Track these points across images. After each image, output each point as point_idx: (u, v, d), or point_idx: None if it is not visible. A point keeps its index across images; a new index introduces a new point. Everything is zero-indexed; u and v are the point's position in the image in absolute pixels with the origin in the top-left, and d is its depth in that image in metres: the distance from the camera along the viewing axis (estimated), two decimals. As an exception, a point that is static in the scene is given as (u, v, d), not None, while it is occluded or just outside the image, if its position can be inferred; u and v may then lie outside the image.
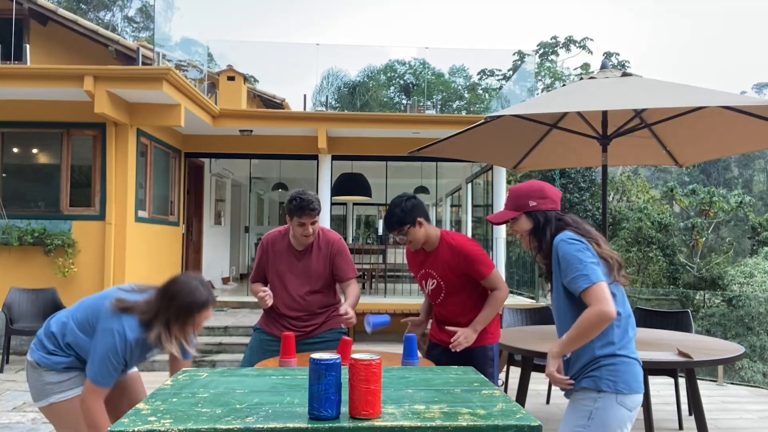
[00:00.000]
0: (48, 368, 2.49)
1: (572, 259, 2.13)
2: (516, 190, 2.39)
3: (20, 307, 6.76)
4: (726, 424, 4.82)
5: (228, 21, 68.85)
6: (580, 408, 2.15)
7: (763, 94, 37.58)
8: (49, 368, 2.49)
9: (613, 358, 2.13)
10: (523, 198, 2.34)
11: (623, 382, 2.12)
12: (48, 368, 2.49)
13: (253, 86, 15.20)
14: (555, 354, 2.18)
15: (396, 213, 3.00)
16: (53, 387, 2.48)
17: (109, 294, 2.49)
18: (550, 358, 2.19)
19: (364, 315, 3.09)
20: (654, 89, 3.71)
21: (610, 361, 2.13)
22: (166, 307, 2.34)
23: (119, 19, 30.41)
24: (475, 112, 29.33)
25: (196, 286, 2.38)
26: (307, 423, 1.43)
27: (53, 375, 2.49)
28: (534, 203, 2.32)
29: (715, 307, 14.15)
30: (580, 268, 2.11)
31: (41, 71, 7.06)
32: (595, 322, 2.05)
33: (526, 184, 2.39)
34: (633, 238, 17.17)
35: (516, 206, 2.35)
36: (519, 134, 4.71)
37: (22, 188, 7.66)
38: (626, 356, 2.16)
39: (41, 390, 2.50)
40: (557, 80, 29.32)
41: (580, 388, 2.16)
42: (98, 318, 2.41)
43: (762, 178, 33.75)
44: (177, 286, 2.37)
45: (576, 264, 2.12)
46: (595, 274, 2.09)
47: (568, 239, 2.19)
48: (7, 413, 4.90)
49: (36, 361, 2.50)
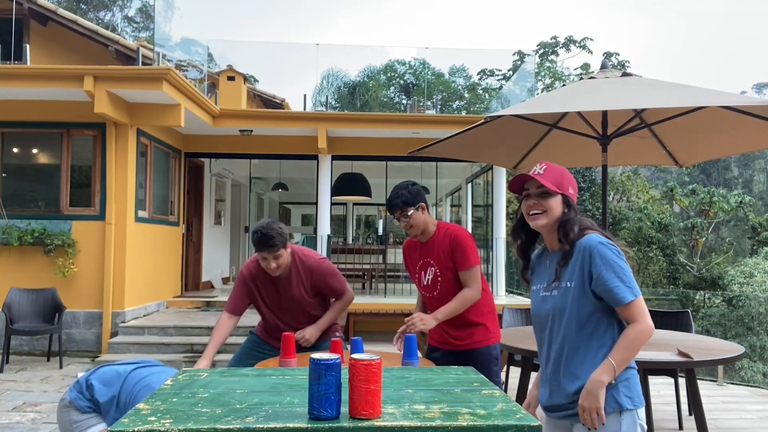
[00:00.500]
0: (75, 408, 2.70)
1: (615, 267, 1.95)
2: (558, 169, 2.12)
3: (20, 307, 6.77)
4: (726, 424, 4.82)
5: (228, 21, 68.87)
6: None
7: (763, 94, 37.57)
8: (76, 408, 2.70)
9: (627, 372, 2.00)
10: (566, 181, 2.10)
11: (637, 395, 2.01)
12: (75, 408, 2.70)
13: (253, 86, 15.19)
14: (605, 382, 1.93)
15: (403, 194, 3.01)
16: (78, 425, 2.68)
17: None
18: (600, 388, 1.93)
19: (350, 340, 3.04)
20: (654, 89, 3.71)
21: (626, 376, 2.00)
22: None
23: (119, 19, 30.41)
24: (475, 112, 29.32)
25: None
26: (307, 423, 1.43)
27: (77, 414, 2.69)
28: (572, 191, 2.11)
29: (715, 307, 14.15)
30: (623, 278, 1.95)
31: (41, 71, 7.07)
32: (643, 340, 1.93)
33: (562, 168, 2.14)
34: (633, 238, 17.17)
35: (558, 184, 2.07)
36: (519, 134, 4.71)
37: (22, 188, 7.66)
38: (634, 368, 2.04)
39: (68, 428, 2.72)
40: (557, 80, 29.31)
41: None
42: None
43: (762, 178, 33.75)
44: None
45: (619, 273, 1.95)
46: (636, 287, 1.96)
47: (608, 243, 2.01)
48: (7, 413, 4.90)
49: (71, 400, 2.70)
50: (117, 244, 7.36)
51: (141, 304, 7.93)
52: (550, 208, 2.06)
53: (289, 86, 55.25)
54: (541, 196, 2.07)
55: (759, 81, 42.54)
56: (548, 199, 2.06)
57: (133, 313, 7.65)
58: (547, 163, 2.13)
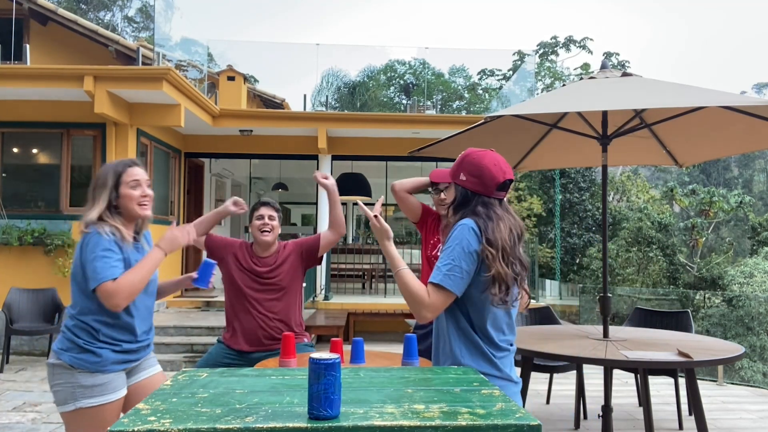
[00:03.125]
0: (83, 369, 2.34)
1: (454, 249, 2.00)
2: (463, 154, 2.17)
3: (20, 307, 6.77)
4: (726, 424, 4.82)
5: (228, 21, 68.90)
6: None
7: (763, 94, 37.58)
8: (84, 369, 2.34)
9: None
10: (459, 167, 2.15)
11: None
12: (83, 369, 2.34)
13: (253, 86, 15.20)
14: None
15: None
16: (84, 391, 2.32)
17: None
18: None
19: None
20: (654, 89, 3.71)
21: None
22: (97, 191, 2.39)
23: (119, 19, 30.42)
24: (475, 112, 29.32)
25: (111, 163, 2.47)
26: (306, 423, 1.43)
27: (86, 377, 2.34)
28: (464, 178, 2.12)
29: (715, 307, 14.15)
30: (449, 263, 1.99)
31: (41, 71, 7.07)
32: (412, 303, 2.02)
33: (483, 153, 2.15)
34: (633, 238, 17.16)
35: (452, 172, 2.17)
36: (519, 134, 4.71)
37: (22, 188, 7.66)
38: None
39: (69, 393, 2.33)
40: (557, 80, 29.31)
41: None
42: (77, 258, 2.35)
43: (762, 178, 33.75)
44: (97, 174, 2.45)
45: (450, 255, 1.99)
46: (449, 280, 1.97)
47: (471, 228, 2.02)
48: (7, 413, 4.90)
49: (68, 362, 2.33)
50: (117, 244, 7.35)
51: (141, 304, 7.92)
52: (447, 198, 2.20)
53: (289, 86, 55.29)
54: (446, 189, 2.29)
55: (759, 81, 42.57)
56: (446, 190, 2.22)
57: (133, 313, 7.65)
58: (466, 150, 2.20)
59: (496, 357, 2.05)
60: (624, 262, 16.48)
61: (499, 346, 2.07)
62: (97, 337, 2.35)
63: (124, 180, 2.40)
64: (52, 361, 2.35)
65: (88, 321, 2.35)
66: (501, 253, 2.01)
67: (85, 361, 2.32)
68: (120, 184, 2.39)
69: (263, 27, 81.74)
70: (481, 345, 2.04)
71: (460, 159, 2.16)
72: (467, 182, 2.11)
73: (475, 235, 2.01)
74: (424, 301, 1.99)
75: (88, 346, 2.33)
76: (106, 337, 2.37)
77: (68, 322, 2.39)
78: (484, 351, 2.04)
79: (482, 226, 2.03)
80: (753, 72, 72.55)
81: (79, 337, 2.34)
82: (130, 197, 2.39)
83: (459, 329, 2.06)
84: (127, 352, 2.42)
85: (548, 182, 18.62)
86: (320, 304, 9.06)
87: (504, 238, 2.03)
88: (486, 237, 2.01)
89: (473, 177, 2.10)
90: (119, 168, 2.42)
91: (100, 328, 2.35)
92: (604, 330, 3.96)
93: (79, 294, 2.37)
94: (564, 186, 18.57)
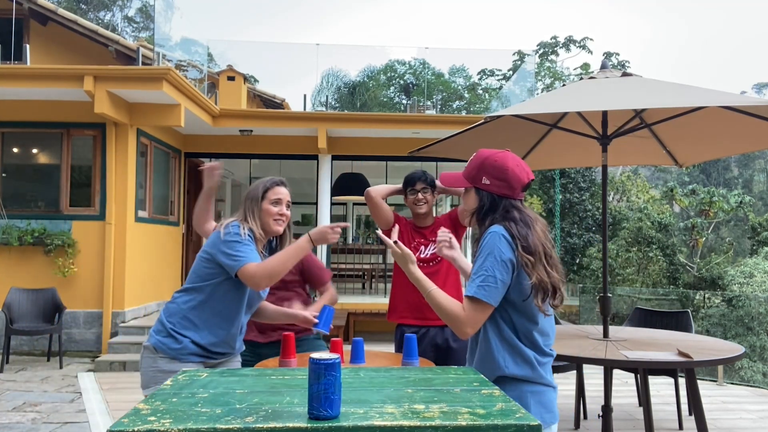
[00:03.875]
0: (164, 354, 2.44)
1: (486, 258, 1.90)
2: (479, 156, 2.05)
3: (20, 307, 6.77)
4: (726, 424, 4.82)
5: (228, 21, 68.89)
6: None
7: (763, 94, 37.58)
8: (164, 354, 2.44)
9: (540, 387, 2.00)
10: (480, 170, 2.02)
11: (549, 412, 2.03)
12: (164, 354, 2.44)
13: (253, 86, 15.20)
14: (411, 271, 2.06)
15: (428, 174, 3.45)
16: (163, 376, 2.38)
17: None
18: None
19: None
20: (654, 89, 3.70)
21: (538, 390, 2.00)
22: (246, 201, 2.66)
23: (119, 19, 30.42)
24: (475, 112, 29.32)
25: (264, 179, 2.73)
26: (306, 423, 1.43)
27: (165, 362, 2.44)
28: (487, 182, 2.00)
29: (715, 307, 14.14)
30: (482, 273, 1.89)
31: (41, 71, 7.07)
32: (449, 316, 1.94)
33: (502, 154, 2.04)
34: (633, 238, 17.15)
35: (471, 176, 2.05)
36: (519, 134, 4.71)
37: (22, 188, 7.66)
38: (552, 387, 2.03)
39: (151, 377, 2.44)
40: (557, 80, 29.31)
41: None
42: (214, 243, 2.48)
43: (762, 178, 33.75)
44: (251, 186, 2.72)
45: (483, 266, 1.90)
46: (483, 291, 1.88)
47: (502, 235, 1.92)
48: (7, 413, 4.89)
49: (153, 345, 2.46)
50: (117, 244, 7.36)
51: (141, 304, 7.93)
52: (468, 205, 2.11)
53: (289, 86, 55.28)
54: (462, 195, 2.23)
55: (759, 81, 42.55)
56: (464, 196, 2.13)
57: (133, 313, 7.65)
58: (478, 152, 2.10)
59: (541, 363, 1.97)
60: (624, 262, 16.47)
61: (545, 351, 2.00)
62: (186, 325, 2.46)
63: (269, 196, 2.64)
64: (144, 344, 2.51)
65: (186, 309, 2.48)
66: (542, 258, 1.93)
67: (166, 345, 2.44)
68: (264, 198, 2.64)
69: (263, 27, 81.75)
70: (527, 352, 1.95)
71: (478, 162, 2.03)
72: (492, 186, 2.00)
73: (507, 242, 1.92)
74: (460, 317, 1.92)
75: (173, 331, 2.45)
76: (193, 329, 2.46)
77: (169, 303, 2.54)
78: (530, 358, 1.95)
79: (515, 233, 1.93)
80: (753, 72, 72.59)
81: (170, 321, 2.47)
82: (269, 212, 2.62)
83: (502, 338, 1.96)
84: (205, 349, 2.49)
85: (548, 182, 18.61)
86: (320, 304, 9.06)
87: (543, 241, 1.96)
88: (522, 244, 1.91)
89: (498, 180, 1.99)
90: (268, 184, 2.68)
91: (193, 318, 2.46)
92: (604, 330, 3.96)
93: (197, 278, 2.49)
94: (564, 186, 18.56)
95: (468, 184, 2.05)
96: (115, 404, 5.23)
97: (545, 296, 1.91)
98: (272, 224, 2.62)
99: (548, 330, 2.02)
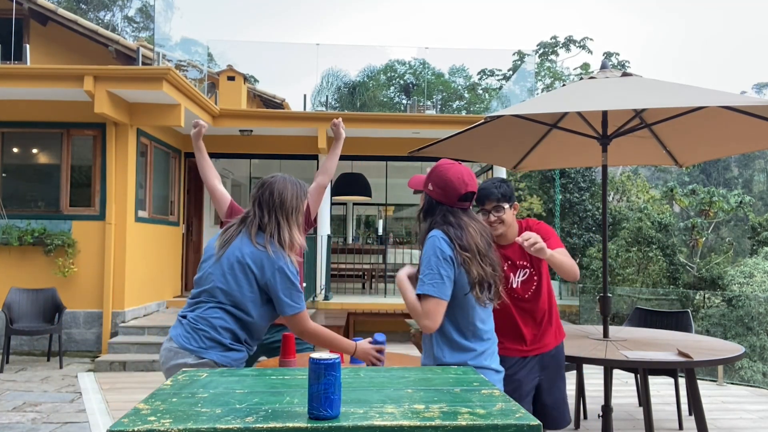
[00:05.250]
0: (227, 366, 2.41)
1: (430, 259, 2.19)
2: (435, 167, 2.34)
3: (20, 307, 6.77)
4: (726, 424, 4.82)
5: (228, 21, 68.88)
6: None
7: (763, 94, 37.57)
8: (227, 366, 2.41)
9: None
10: (429, 178, 2.34)
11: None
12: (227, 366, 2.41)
13: (253, 86, 15.20)
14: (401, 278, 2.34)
15: (502, 187, 2.76)
16: None
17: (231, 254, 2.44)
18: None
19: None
20: (654, 89, 3.70)
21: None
22: (290, 214, 2.47)
23: (119, 19, 30.41)
24: (475, 112, 29.32)
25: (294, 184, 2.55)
26: (306, 423, 1.43)
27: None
28: (431, 188, 2.31)
29: (715, 307, 14.14)
30: (428, 272, 2.17)
31: (41, 71, 7.07)
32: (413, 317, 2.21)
33: (449, 166, 2.30)
34: (633, 238, 17.15)
35: (424, 181, 2.37)
36: (519, 134, 4.71)
37: (22, 188, 7.66)
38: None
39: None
40: (557, 80, 29.31)
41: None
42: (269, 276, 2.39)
43: (762, 178, 33.74)
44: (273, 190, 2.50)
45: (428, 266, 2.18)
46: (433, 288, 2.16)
47: (441, 238, 2.21)
48: (7, 413, 4.89)
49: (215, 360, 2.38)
50: (117, 244, 7.36)
51: (141, 304, 7.93)
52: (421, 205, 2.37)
53: (289, 86, 55.22)
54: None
55: (759, 81, 42.55)
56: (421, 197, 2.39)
57: (133, 313, 7.65)
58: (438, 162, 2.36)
59: (480, 350, 2.25)
60: (624, 262, 16.47)
61: (484, 339, 2.27)
62: (239, 339, 2.44)
63: (302, 209, 2.54)
64: (194, 362, 2.36)
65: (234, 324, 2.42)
66: (477, 256, 2.20)
67: (230, 358, 2.41)
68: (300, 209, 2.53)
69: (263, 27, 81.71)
70: (463, 342, 2.23)
71: (431, 170, 2.34)
72: (433, 192, 2.30)
73: (445, 242, 2.19)
74: (418, 311, 2.19)
75: (233, 345, 2.42)
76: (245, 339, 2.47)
77: (211, 318, 2.40)
78: (467, 347, 2.24)
79: (452, 234, 2.21)
80: (753, 72, 72.58)
81: (223, 336, 2.40)
82: (301, 225, 2.53)
83: (441, 333, 2.25)
84: (249, 353, 2.55)
85: (548, 182, 18.61)
86: (320, 304, 9.06)
87: (477, 242, 2.23)
88: (458, 243, 2.19)
89: (438, 188, 2.28)
90: (303, 196, 2.54)
91: (238, 332, 2.43)
92: (604, 330, 3.96)
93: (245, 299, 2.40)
94: (564, 186, 18.56)
95: (420, 187, 2.38)
96: (115, 404, 5.23)
97: (482, 289, 2.20)
98: (301, 239, 2.52)
99: (486, 319, 2.30)
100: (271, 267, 2.38)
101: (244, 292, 2.39)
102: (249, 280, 2.39)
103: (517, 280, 2.85)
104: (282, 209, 2.47)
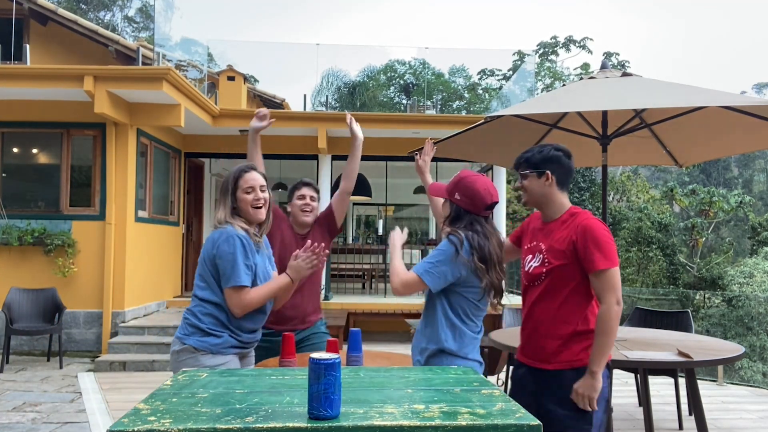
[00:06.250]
0: (206, 351, 2.53)
1: (443, 252, 2.39)
2: (459, 177, 2.51)
3: (20, 307, 6.77)
4: (726, 424, 4.82)
5: (228, 21, 68.89)
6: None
7: (763, 94, 37.57)
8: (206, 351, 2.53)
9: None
10: (455, 187, 2.50)
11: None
12: (206, 351, 2.53)
13: (253, 86, 15.20)
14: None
15: (533, 153, 2.50)
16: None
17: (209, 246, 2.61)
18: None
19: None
20: (654, 89, 3.71)
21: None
22: (221, 195, 2.67)
23: (119, 19, 30.40)
24: (475, 112, 29.32)
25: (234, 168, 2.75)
26: (306, 423, 1.43)
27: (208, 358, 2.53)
28: (458, 197, 2.48)
29: (715, 307, 14.15)
30: (434, 261, 2.38)
31: (41, 71, 7.07)
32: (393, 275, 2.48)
33: (476, 177, 2.49)
34: (633, 238, 17.17)
35: (449, 190, 2.53)
36: (519, 134, 4.71)
37: (22, 188, 7.66)
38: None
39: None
40: (557, 80, 29.32)
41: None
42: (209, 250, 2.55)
43: (762, 178, 33.74)
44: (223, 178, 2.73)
45: (438, 257, 2.38)
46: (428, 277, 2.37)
47: (463, 243, 2.38)
48: (7, 413, 4.90)
49: (193, 346, 2.53)
50: (117, 244, 7.36)
51: (141, 304, 7.93)
52: (445, 212, 2.56)
53: (289, 86, 55.24)
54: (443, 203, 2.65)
55: (759, 81, 42.52)
56: (443, 205, 2.62)
57: (133, 313, 7.65)
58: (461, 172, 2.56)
59: (472, 340, 2.48)
60: (624, 262, 16.47)
61: (478, 330, 2.51)
62: (220, 323, 2.55)
63: (240, 185, 2.65)
64: (177, 348, 2.56)
65: (212, 308, 2.55)
66: (494, 265, 2.40)
67: (208, 343, 2.53)
68: (237, 188, 2.65)
69: (263, 27, 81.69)
70: (465, 331, 2.45)
71: (457, 180, 2.51)
72: (461, 201, 2.47)
73: (464, 247, 2.37)
74: (400, 275, 2.42)
75: (212, 330, 2.54)
76: (227, 323, 2.56)
77: (193, 308, 2.59)
78: (466, 334, 2.45)
79: (475, 244, 2.38)
80: (753, 72, 72.58)
81: (202, 322, 2.54)
82: (245, 201, 2.63)
83: (447, 318, 2.45)
84: (241, 340, 2.61)
85: (548, 182, 18.63)
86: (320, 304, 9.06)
87: (496, 251, 2.42)
88: (479, 253, 2.37)
89: (467, 198, 2.46)
90: (236, 174, 2.69)
91: (218, 314, 2.55)
92: (604, 330, 3.95)
93: (206, 283, 2.57)
94: (564, 186, 18.52)
95: (446, 196, 2.55)
96: (115, 404, 5.23)
97: (493, 295, 2.45)
98: (252, 213, 2.63)
99: (482, 315, 2.55)
100: (208, 241, 2.58)
101: (206, 272, 2.56)
102: (203, 258, 2.58)
103: (530, 264, 2.51)
104: (219, 192, 2.72)
